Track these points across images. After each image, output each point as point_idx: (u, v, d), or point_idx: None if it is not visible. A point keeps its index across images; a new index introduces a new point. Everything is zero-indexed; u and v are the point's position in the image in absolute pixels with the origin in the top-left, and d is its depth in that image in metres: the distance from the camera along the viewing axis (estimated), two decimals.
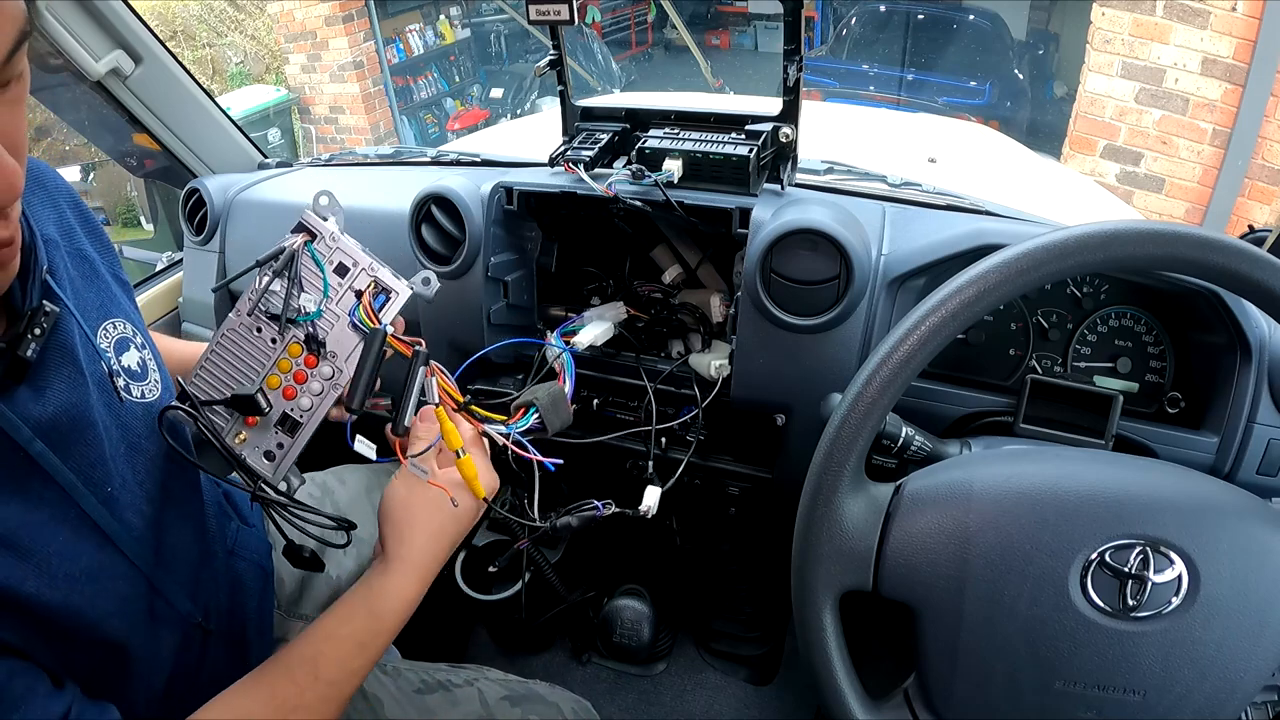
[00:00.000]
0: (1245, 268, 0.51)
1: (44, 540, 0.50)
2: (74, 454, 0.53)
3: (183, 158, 1.28)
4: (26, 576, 0.49)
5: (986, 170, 1.81)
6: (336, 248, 0.63)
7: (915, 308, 0.55)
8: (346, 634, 0.60)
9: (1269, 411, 0.74)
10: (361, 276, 0.64)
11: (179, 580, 0.64)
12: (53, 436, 0.52)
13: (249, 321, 0.63)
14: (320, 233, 0.63)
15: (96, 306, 0.60)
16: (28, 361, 0.50)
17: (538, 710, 0.87)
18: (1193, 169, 3.19)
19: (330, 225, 0.64)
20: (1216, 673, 0.51)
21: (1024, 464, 0.59)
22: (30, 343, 0.50)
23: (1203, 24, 2.99)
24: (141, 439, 0.61)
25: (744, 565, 1.34)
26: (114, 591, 0.56)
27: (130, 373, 0.62)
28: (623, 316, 0.94)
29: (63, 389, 0.53)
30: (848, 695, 0.58)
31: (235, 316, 0.63)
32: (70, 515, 0.53)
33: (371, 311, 0.63)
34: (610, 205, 0.86)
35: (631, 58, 7.41)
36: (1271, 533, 0.53)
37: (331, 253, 0.63)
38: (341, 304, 0.64)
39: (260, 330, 0.63)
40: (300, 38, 5.44)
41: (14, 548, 0.49)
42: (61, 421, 0.52)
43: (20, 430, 0.49)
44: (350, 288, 0.64)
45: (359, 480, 1.02)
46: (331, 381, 0.64)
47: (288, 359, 0.64)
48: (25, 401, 0.50)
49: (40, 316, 0.51)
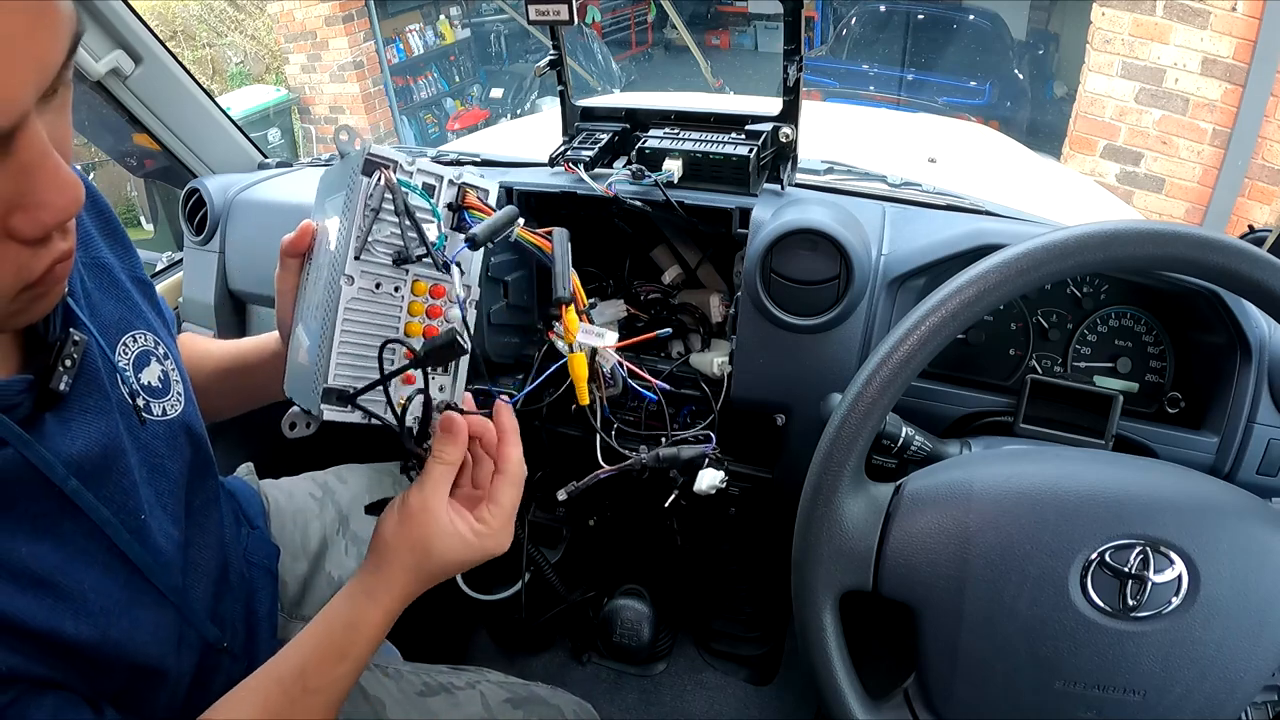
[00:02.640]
0: (1245, 268, 0.51)
1: (78, 578, 0.49)
2: (107, 487, 0.52)
3: (183, 158, 1.28)
4: (65, 617, 0.48)
5: (986, 170, 1.81)
6: (415, 169, 0.57)
7: (915, 308, 0.55)
8: (329, 644, 0.58)
9: (1269, 411, 0.74)
10: (447, 189, 0.59)
11: (202, 598, 0.63)
12: (85, 470, 0.50)
13: (364, 285, 0.56)
14: (395, 161, 0.55)
15: (115, 321, 0.58)
16: (60, 395, 0.49)
17: (539, 712, 0.87)
18: (1193, 169, 3.19)
19: (392, 151, 0.56)
20: (1216, 673, 0.51)
21: (1024, 464, 0.59)
22: (62, 375, 0.49)
23: (1203, 24, 2.99)
24: (163, 459, 0.59)
25: (744, 565, 1.34)
26: (145, 620, 0.55)
27: (150, 390, 0.60)
28: (622, 315, 0.94)
29: (91, 420, 0.52)
30: (848, 695, 0.58)
31: (346, 288, 0.55)
32: (102, 549, 0.52)
33: (485, 208, 0.59)
34: (610, 205, 0.86)
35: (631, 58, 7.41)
36: (1271, 533, 0.53)
37: (412, 176, 0.57)
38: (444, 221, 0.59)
39: (379, 286, 0.56)
40: (300, 38, 5.44)
41: (52, 588, 0.48)
42: (93, 454, 0.51)
43: (55, 469, 0.48)
44: (443, 203, 0.59)
45: (360, 479, 1.02)
46: (468, 296, 0.60)
47: (415, 299, 0.58)
48: (55, 436, 0.49)
49: (70, 346, 0.50)
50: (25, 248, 0.39)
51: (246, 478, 0.94)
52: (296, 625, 0.85)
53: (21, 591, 0.46)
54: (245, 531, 0.80)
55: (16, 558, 0.46)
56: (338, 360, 0.55)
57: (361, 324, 0.56)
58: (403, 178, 0.56)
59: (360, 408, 0.55)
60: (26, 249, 0.40)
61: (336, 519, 0.95)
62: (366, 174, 0.54)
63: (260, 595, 0.78)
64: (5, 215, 0.38)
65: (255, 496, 0.90)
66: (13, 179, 0.37)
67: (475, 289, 0.61)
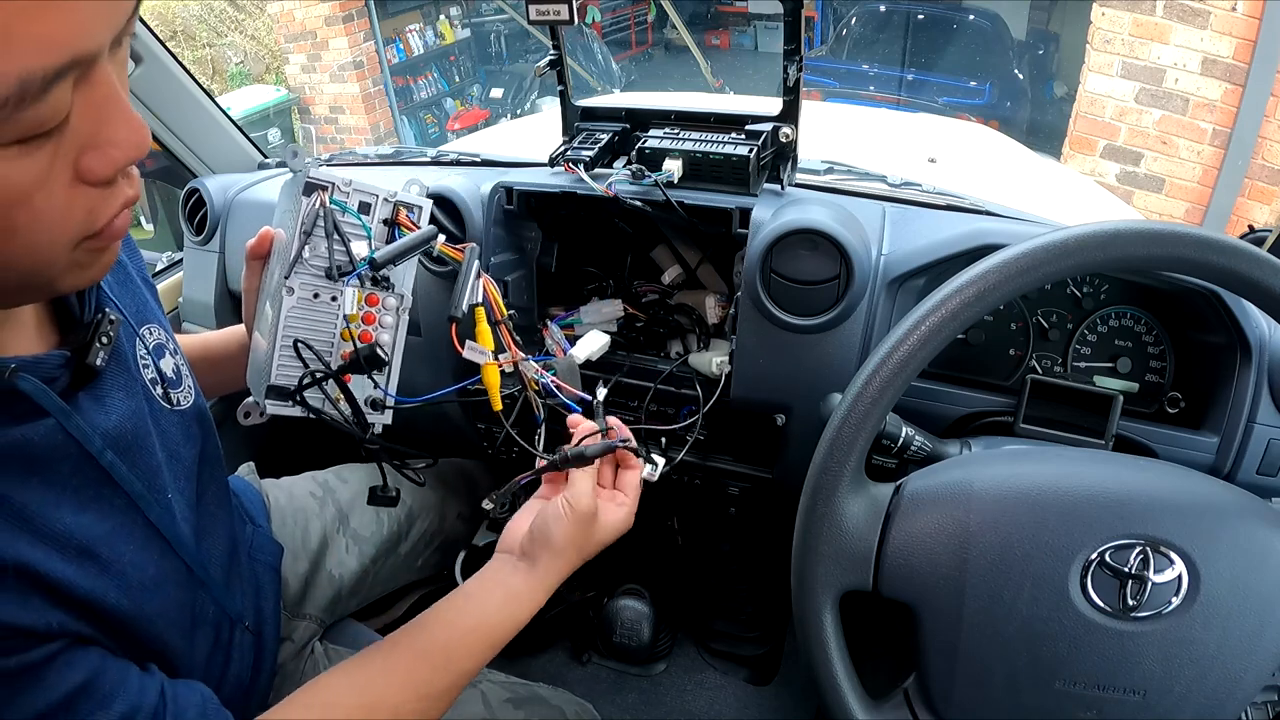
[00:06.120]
0: (1245, 268, 0.51)
1: (118, 551, 0.50)
2: (138, 462, 0.54)
3: (183, 158, 1.28)
4: (109, 588, 0.49)
5: (986, 170, 1.81)
6: (351, 190, 0.63)
7: (915, 308, 0.55)
8: (484, 631, 0.61)
9: (1269, 411, 0.74)
10: (382, 206, 0.65)
11: (218, 585, 0.64)
12: (120, 445, 0.52)
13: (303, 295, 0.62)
14: (332, 183, 0.62)
15: (134, 312, 0.60)
16: (97, 371, 0.50)
17: (540, 712, 0.87)
18: (1193, 169, 3.19)
19: (336, 172, 0.63)
20: (1216, 673, 0.51)
21: (1024, 464, 0.59)
22: (99, 351, 0.50)
23: (1203, 24, 2.99)
24: (179, 446, 0.61)
25: (744, 565, 1.34)
26: (176, 598, 0.56)
27: (167, 380, 0.62)
28: (620, 314, 0.94)
29: (121, 397, 0.53)
30: (848, 695, 0.58)
31: (287, 298, 0.61)
32: (138, 524, 0.53)
33: (413, 225, 0.66)
34: (610, 205, 0.86)
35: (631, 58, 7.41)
36: (1271, 533, 0.53)
37: (348, 197, 0.63)
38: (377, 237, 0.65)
39: (316, 296, 0.62)
40: (300, 38, 5.44)
41: (96, 558, 0.48)
42: (125, 430, 0.52)
43: (93, 441, 0.49)
44: (378, 220, 0.65)
45: (360, 479, 1.02)
46: (400, 307, 0.66)
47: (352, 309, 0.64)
48: (90, 411, 0.50)
49: (106, 324, 0.51)
50: (94, 190, 0.40)
51: (247, 477, 0.94)
52: (298, 623, 0.85)
53: (66, 560, 0.46)
54: (250, 529, 0.81)
55: (63, 527, 0.47)
56: (279, 361, 0.61)
57: (300, 330, 0.62)
58: (339, 198, 0.62)
59: (300, 403, 0.61)
60: (95, 191, 0.40)
61: (337, 517, 0.95)
62: (306, 194, 0.61)
63: (265, 592, 0.78)
64: (78, 156, 0.39)
65: (256, 495, 0.91)
66: (88, 116, 0.38)
67: (408, 298, 0.66)
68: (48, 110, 0.35)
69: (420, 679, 0.59)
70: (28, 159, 0.36)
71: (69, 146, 0.38)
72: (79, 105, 0.37)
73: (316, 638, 0.87)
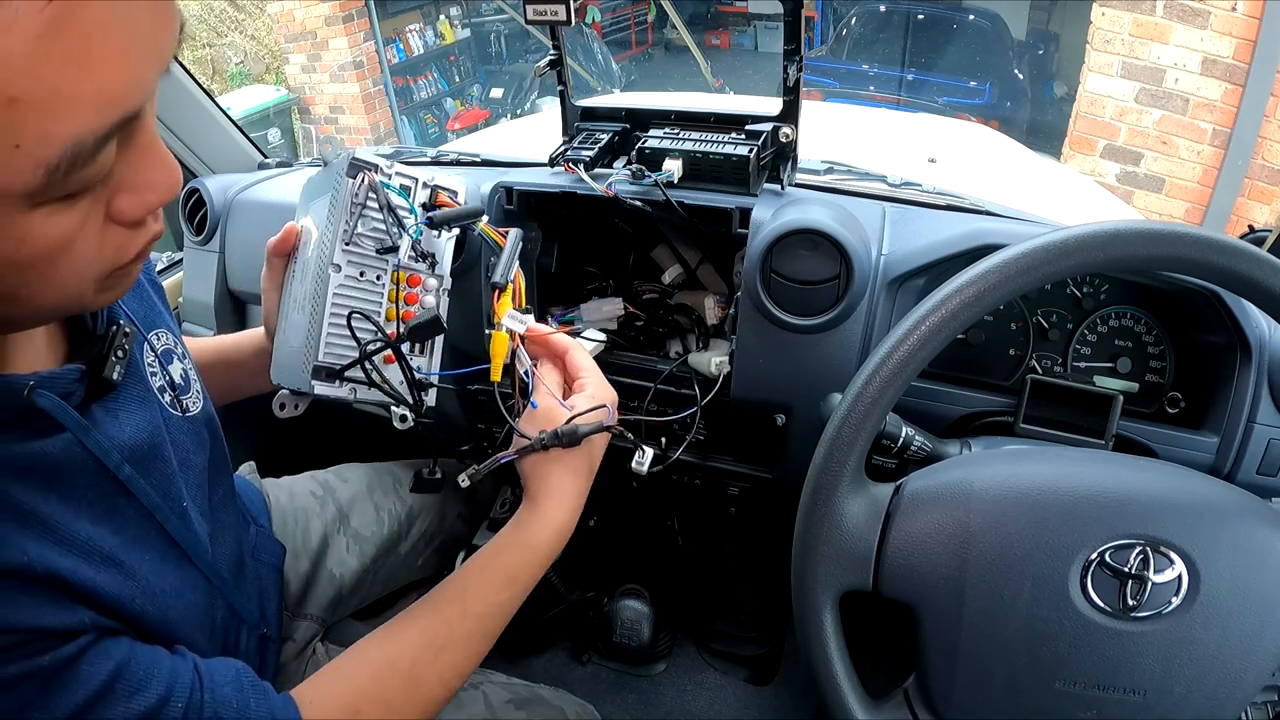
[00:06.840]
0: (1245, 268, 0.51)
1: (137, 560, 0.50)
2: (154, 473, 0.54)
3: (182, 158, 1.28)
4: (135, 594, 0.49)
5: (986, 170, 1.81)
6: (394, 173, 0.64)
7: (915, 308, 0.55)
8: (496, 565, 0.62)
9: (1269, 411, 0.74)
10: (421, 190, 0.66)
11: (229, 588, 0.65)
12: (136, 457, 0.52)
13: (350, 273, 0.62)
14: (375, 164, 0.63)
15: (142, 318, 0.60)
16: (113, 384, 0.50)
17: (541, 713, 0.87)
18: (1193, 169, 3.19)
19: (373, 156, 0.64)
20: (1216, 673, 0.51)
21: (1024, 464, 0.59)
22: (115, 365, 0.50)
23: (1203, 24, 2.99)
24: (190, 453, 0.61)
25: (744, 565, 1.34)
26: (193, 604, 0.56)
27: (176, 386, 0.61)
28: (620, 313, 0.94)
29: (136, 409, 0.53)
30: (848, 695, 0.58)
31: (334, 275, 0.61)
32: (156, 535, 0.53)
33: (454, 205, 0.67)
34: (610, 205, 0.86)
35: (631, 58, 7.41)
36: (1271, 533, 0.53)
37: (390, 179, 0.64)
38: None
39: (362, 274, 0.63)
40: (300, 38, 5.44)
41: (120, 566, 0.49)
42: (141, 442, 0.53)
43: (110, 455, 0.49)
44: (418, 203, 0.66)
45: (360, 478, 1.02)
46: (440, 288, 0.67)
47: (394, 287, 0.65)
48: (106, 424, 0.50)
49: (121, 337, 0.51)
50: (124, 229, 0.41)
51: (248, 477, 0.94)
52: (300, 623, 0.86)
53: (94, 567, 0.47)
54: (254, 530, 0.81)
55: (85, 536, 0.47)
56: (327, 340, 0.61)
57: (348, 308, 0.61)
58: (383, 179, 0.62)
59: (349, 379, 0.61)
60: (125, 230, 0.41)
61: (337, 517, 0.96)
62: (351, 175, 0.61)
63: (268, 592, 0.79)
64: (111, 198, 0.39)
65: (257, 495, 0.91)
66: (128, 161, 0.38)
67: (447, 279, 0.67)
68: (95, 170, 0.36)
69: (434, 631, 0.59)
70: (70, 211, 0.37)
71: (106, 192, 0.38)
72: (120, 154, 0.38)
73: (318, 638, 0.87)
